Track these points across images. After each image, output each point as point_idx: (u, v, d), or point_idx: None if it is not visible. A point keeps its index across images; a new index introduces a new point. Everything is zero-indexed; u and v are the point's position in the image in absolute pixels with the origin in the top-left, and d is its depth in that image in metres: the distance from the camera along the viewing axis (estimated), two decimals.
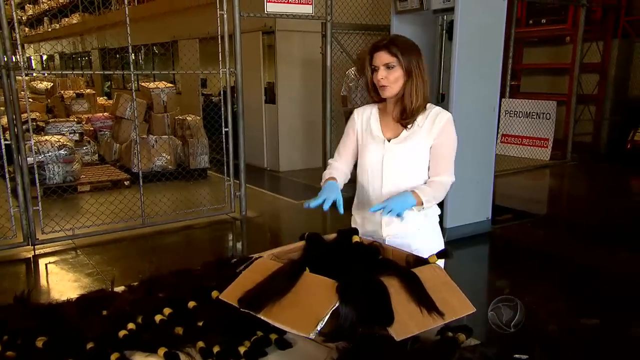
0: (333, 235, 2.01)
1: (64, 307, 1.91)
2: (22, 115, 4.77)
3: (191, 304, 1.85)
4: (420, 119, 2.04)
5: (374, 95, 2.10)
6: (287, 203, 6.34)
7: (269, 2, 5.23)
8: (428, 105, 2.06)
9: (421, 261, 1.79)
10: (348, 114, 6.99)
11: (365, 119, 2.15)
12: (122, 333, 1.67)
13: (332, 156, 6.53)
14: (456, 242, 4.41)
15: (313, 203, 1.96)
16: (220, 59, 5.30)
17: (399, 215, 1.90)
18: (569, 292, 3.85)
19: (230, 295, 1.68)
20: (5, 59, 4.48)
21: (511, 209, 5.50)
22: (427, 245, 2.02)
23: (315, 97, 7.61)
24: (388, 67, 1.97)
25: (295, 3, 5.38)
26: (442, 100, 5.53)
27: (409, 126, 2.04)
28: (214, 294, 1.88)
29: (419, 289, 1.58)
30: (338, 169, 2.20)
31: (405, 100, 2.00)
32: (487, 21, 4.54)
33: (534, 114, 8.43)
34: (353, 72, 6.77)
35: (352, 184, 2.26)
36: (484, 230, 4.83)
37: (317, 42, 6.28)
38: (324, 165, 6.21)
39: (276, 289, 1.58)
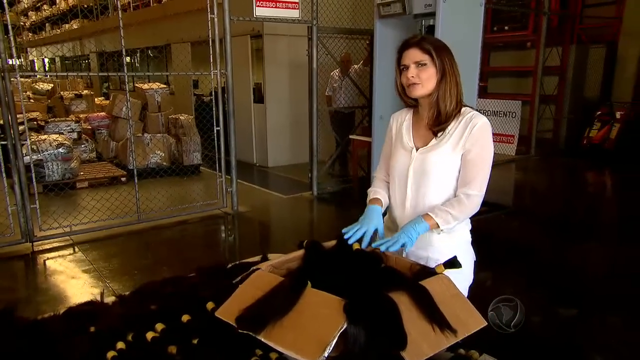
0: (332, 242, 1.74)
1: (49, 323, 1.62)
2: (20, 115, 4.44)
3: (185, 317, 1.57)
4: (452, 125, 1.71)
5: (405, 98, 1.78)
6: (276, 197, 6.05)
7: (258, 6, 4.94)
8: (463, 109, 1.73)
9: (427, 271, 1.54)
10: (332, 113, 6.77)
11: (399, 125, 1.86)
12: (110, 354, 1.40)
13: (318, 152, 6.17)
14: None
15: (352, 235, 1.66)
16: (211, 61, 4.98)
17: (404, 245, 1.63)
18: (547, 283, 3.65)
19: (227, 312, 1.41)
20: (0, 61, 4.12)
21: (485, 202, 5.28)
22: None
23: (300, 97, 7.35)
24: (419, 64, 1.65)
25: (282, 7, 5.09)
26: None
27: (439, 134, 1.73)
28: (209, 305, 1.61)
29: (430, 304, 1.33)
30: (381, 182, 1.93)
31: (440, 103, 1.68)
32: (465, 25, 4.30)
33: (501, 112, 8.28)
34: (337, 74, 6.51)
35: None
36: None
37: (302, 45, 6.01)
38: (311, 161, 5.94)
39: (277, 307, 1.32)
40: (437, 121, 1.71)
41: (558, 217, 5.33)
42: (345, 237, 1.66)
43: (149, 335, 1.48)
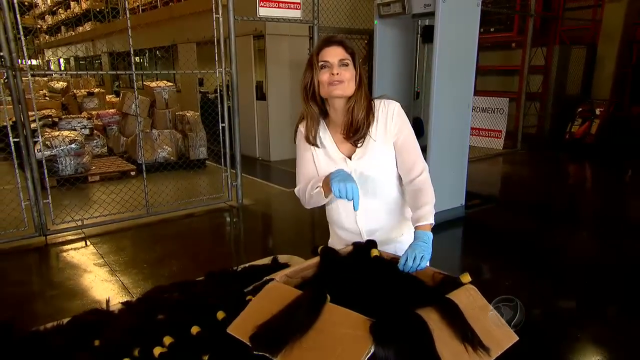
0: (349, 248, 1.53)
1: (51, 336, 1.41)
2: (35, 112, 4.21)
3: (194, 329, 1.36)
4: (372, 127, 1.54)
5: (315, 101, 1.54)
6: (279, 190, 5.83)
7: (262, 6, 4.67)
8: (373, 103, 1.56)
9: (450, 280, 1.33)
10: None
11: (314, 138, 1.61)
12: None
13: None
14: (436, 228, 3.94)
15: (353, 196, 1.42)
16: (216, 59, 4.73)
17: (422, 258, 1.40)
18: (546, 274, 3.46)
19: (240, 328, 1.20)
20: (11, 61, 3.86)
21: (478, 194, 5.11)
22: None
23: (300, 94, 7.09)
24: (342, 63, 1.47)
25: (285, 8, 4.82)
26: (416, 98, 5.10)
27: (359, 144, 1.54)
28: (220, 315, 1.39)
29: (462, 321, 1.13)
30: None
31: (355, 111, 1.50)
32: (463, 25, 4.07)
33: (489, 109, 8.06)
34: None
35: None
36: (459, 215, 4.42)
37: (302, 45, 5.74)
38: None
39: (295, 325, 1.11)
40: (351, 130, 1.53)
41: (547, 208, 5.15)
42: (345, 197, 1.41)
43: (157, 350, 1.27)
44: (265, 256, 1.89)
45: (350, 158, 1.57)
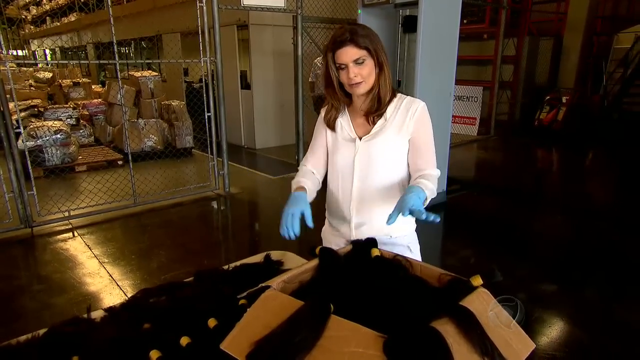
0: (348, 248, 1.35)
1: (24, 351, 1.20)
2: (15, 102, 3.89)
3: (184, 340, 1.16)
4: (389, 111, 1.46)
5: (341, 96, 1.47)
6: (265, 178, 5.60)
7: None
8: (398, 95, 1.49)
9: (459, 282, 1.17)
10: (315, 99, 6.27)
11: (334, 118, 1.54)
12: None
13: (304, 135, 5.65)
14: None
15: (291, 230, 1.37)
16: (200, 48, 4.44)
17: (411, 212, 1.23)
18: (528, 258, 3.36)
19: (235, 344, 1.01)
20: None
21: (458, 180, 4.99)
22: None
23: (284, 83, 6.86)
24: (358, 62, 1.35)
25: None
26: (398, 87, 4.92)
27: (378, 121, 1.45)
28: (211, 322, 1.21)
29: (480, 333, 0.96)
30: (307, 173, 1.57)
31: (381, 93, 1.44)
32: (445, 15, 3.88)
33: (464, 97, 7.93)
34: (320, 61, 6.02)
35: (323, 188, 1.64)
36: (441, 201, 4.29)
37: (285, 35, 5.47)
38: (297, 143, 5.50)
39: (297, 342, 0.93)
40: (376, 108, 1.46)
41: (521, 192, 5.07)
42: (285, 234, 1.37)
43: None
44: (254, 246, 1.72)
45: (360, 139, 1.47)
